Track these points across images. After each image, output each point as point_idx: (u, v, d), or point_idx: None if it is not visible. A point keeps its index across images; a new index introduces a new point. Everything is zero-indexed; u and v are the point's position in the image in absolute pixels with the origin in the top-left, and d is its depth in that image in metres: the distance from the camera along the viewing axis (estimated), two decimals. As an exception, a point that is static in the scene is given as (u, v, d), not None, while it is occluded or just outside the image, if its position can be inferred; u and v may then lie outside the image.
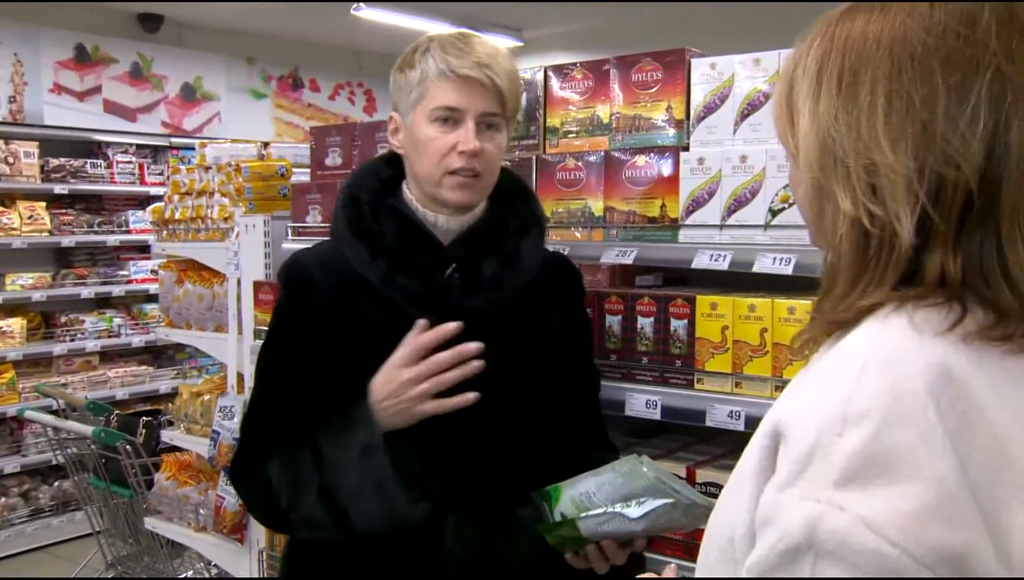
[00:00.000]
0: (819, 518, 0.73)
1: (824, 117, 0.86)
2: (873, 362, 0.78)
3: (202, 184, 3.33)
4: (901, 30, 0.84)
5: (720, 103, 2.08)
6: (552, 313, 1.74)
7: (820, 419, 0.76)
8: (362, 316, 1.59)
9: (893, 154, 0.81)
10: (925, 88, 0.81)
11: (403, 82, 1.61)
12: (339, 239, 1.63)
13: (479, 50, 1.56)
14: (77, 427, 3.74)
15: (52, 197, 5.78)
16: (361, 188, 1.66)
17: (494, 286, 1.61)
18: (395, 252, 1.59)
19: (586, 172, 2.24)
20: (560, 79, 2.35)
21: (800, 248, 1.90)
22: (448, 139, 1.56)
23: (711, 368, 2.01)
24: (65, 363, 5.80)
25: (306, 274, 1.64)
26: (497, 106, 1.58)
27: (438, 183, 1.58)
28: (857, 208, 0.83)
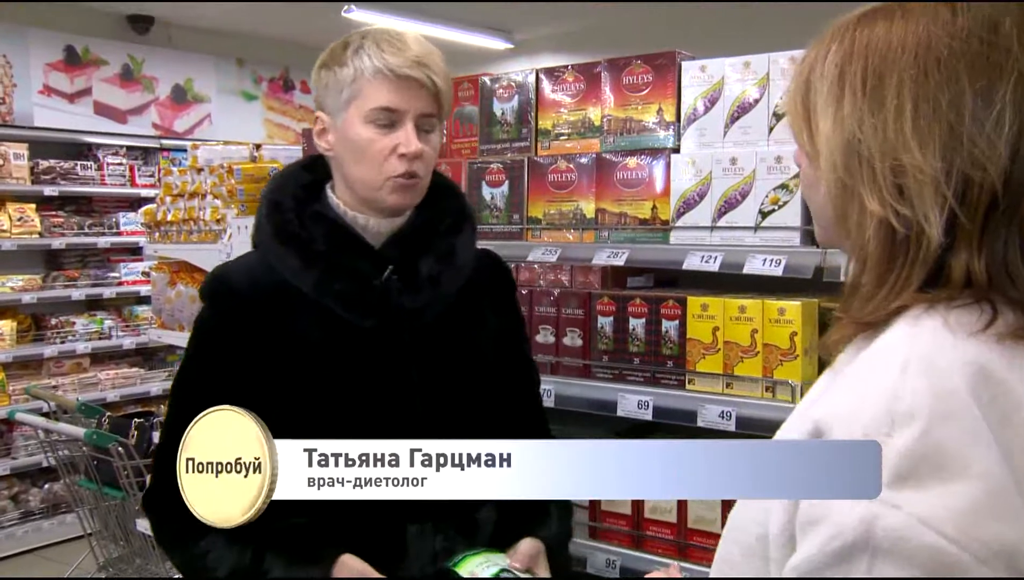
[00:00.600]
0: (875, 517, 0.74)
1: (849, 120, 0.88)
2: (913, 362, 0.80)
3: (194, 186, 3.34)
4: (925, 35, 0.86)
5: (710, 105, 2.09)
6: (487, 310, 1.69)
7: (866, 419, 0.78)
8: (296, 328, 1.51)
9: (921, 155, 0.83)
10: (952, 92, 0.83)
11: (332, 80, 1.52)
12: (266, 249, 1.55)
13: (415, 48, 1.50)
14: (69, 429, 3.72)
15: (42, 199, 5.76)
16: (283, 194, 1.58)
17: (433, 285, 1.56)
18: (328, 258, 1.51)
19: (578, 174, 2.26)
20: (551, 82, 2.36)
21: (790, 249, 1.92)
22: (387, 141, 1.49)
23: (702, 369, 2.03)
24: (55, 365, 5.78)
25: (233, 288, 1.55)
26: (434, 107, 1.52)
27: (379, 187, 1.51)
28: (885, 208, 0.85)
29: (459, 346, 1.61)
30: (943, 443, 0.75)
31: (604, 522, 2.22)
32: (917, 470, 0.74)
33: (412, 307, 1.54)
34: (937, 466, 0.74)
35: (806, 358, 1.92)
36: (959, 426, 0.75)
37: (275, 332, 1.51)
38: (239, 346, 1.51)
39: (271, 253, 1.54)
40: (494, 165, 2.41)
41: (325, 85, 1.54)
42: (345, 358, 1.52)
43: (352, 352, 1.52)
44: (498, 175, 2.40)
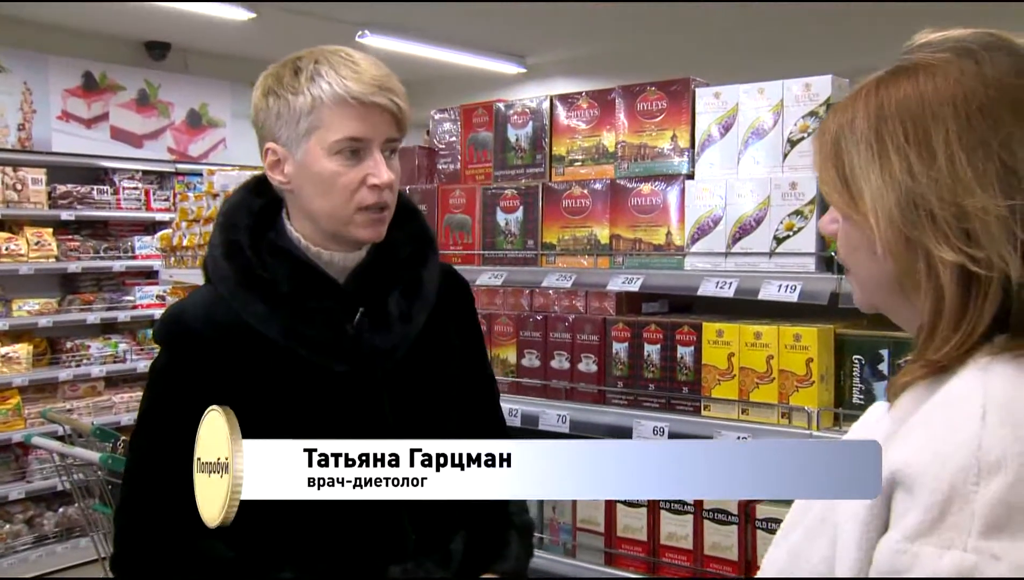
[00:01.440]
0: (973, 568, 0.74)
1: (901, 174, 0.89)
2: (991, 410, 0.80)
3: (210, 211, 3.37)
4: (959, 88, 0.88)
5: (725, 132, 2.10)
6: (451, 334, 1.62)
7: (952, 468, 0.78)
8: (262, 373, 1.42)
9: (984, 196, 0.85)
10: (1001, 134, 0.86)
11: (284, 109, 1.41)
12: (228, 293, 1.44)
13: (374, 70, 1.40)
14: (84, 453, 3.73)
15: (59, 223, 5.81)
16: (237, 229, 1.47)
17: (403, 322, 1.49)
18: (294, 302, 1.42)
19: (592, 200, 2.26)
20: (566, 108, 2.37)
21: (805, 275, 1.92)
22: (355, 174, 1.39)
23: (718, 395, 2.03)
24: (71, 389, 5.81)
25: (191, 331, 1.43)
26: (398, 130, 1.44)
27: (348, 221, 1.41)
28: (958, 254, 0.85)
29: (429, 378, 1.55)
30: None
31: (619, 548, 2.21)
32: (1011, 520, 0.74)
33: (383, 347, 1.47)
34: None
35: (822, 384, 1.92)
36: None
37: (239, 376, 1.41)
38: (200, 393, 1.30)
39: (233, 297, 1.43)
40: (508, 191, 2.42)
41: (276, 115, 1.42)
42: (316, 401, 1.44)
43: (323, 395, 1.44)
44: (512, 201, 2.41)
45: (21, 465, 5.53)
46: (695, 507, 2.08)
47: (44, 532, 5.52)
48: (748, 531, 2.02)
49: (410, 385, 1.51)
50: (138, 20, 5.95)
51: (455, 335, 1.63)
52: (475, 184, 2.54)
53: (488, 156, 2.53)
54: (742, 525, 2.02)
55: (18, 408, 5.45)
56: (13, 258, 5.47)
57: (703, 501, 2.06)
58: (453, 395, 1.60)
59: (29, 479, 5.51)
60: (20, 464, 5.54)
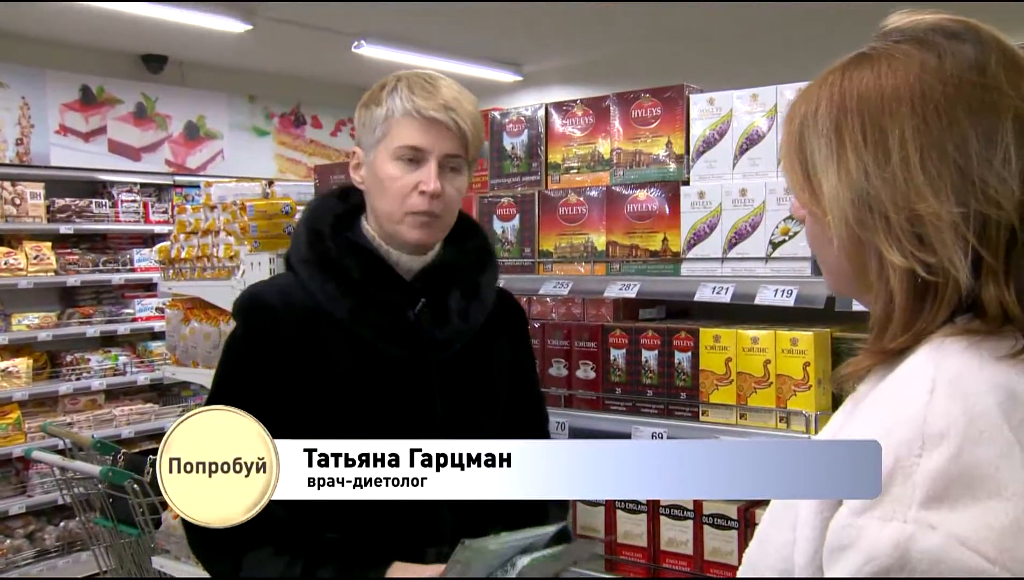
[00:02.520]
0: (910, 538, 0.73)
1: (856, 174, 0.88)
2: (941, 384, 0.80)
3: (208, 223, 3.37)
4: (917, 84, 0.87)
5: (719, 138, 2.11)
6: (504, 345, 1.76)
7: (896, 441, 0.78)
8: (327, 351, 1.57)
9: (936, 201, 0.84)
10: (956, 136, 0.84)
11: (368, 119, 1.61)
12: (304, 274, 1.61)
13: (445, 93, 1.57)
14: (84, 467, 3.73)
15: (57, 237, 5.82)
16: (322, 222, 1.65)
17: (461, 318, 1.63)
18: (363, 288, 1.58)
19: (588, 207, 2.27)
20: (561, 116, 2.38)
21: (801, 280, 1.93)
22: (410, 179, 1.55)
23: (716, 400, 2.03)
24: (71, 402, 5.80)
25: (268, 307, 1.59)
26: (460, 149, 1.58)
27: (399, 221, 1.58)
28: (908, 258, 0.85)
29: (480, 377, 1.68)
30: (977, 463, 0.75)
31: (620, 554, 2.21)
32: (951, 490, 0.74)
33: (441, 339, 1.61)
34: (971, 486, 0.74)
35: (819, 388, 1.92)
36: (992, 446, 0.75)
37: (305, 352, 1.56)
38: (269, 363, 1.56)
39: (309, 279, 1.60)
40: (505, 199, 2.42)
41: (362, 123, 1.62)
42: (373, 383, 1.58)
43: (380, 378, 1.58)
44: (509, 209, 2.41)
45: (22, 479, 5.53)
46: (695, 512, 2.08)
47: (45, 546, 5.52)
48: (748, 536, 2.02)
49: (461, 381, 1.64)
50: (135, 34, 5.96)
51: (508, 349, 1.77)
52: (471, 192, 2.54)
53: (484, 164, 2.54)
54: (742, 530, 2.02)
55: (18, 422, 5.45)
56: (12, 272, 5.48)
57: (703, 506, 2.06)
58: (501, 403, 1.72)
59: (30, 493, 5.50)
60: (21, 478, 5.53)
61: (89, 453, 4.10)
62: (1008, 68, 0.87)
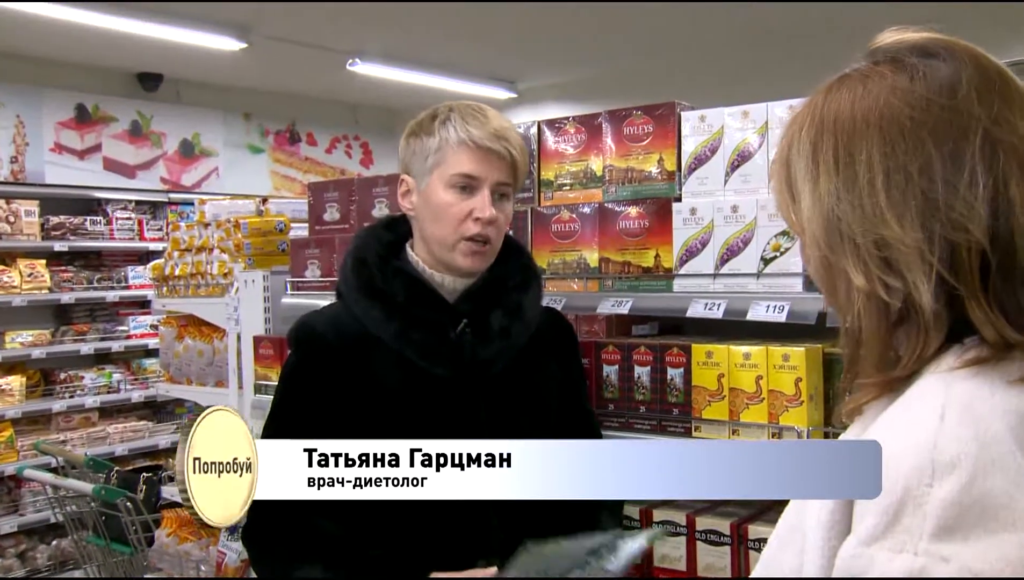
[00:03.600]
0: (922, 570, 0.72)
1: (826, 197, 0.88)
2: (952, 409, 0.78)
3: (202, 240, 3.37)
4: (887, 108, 0.86)
5: (711, 154, 2.12)
6: (552, 362, 1.80)
7: (906, 469, 0.76)
8: (376, 375, 1.63)
9: (900, 227, 0.83)
10: (920, 159, 0.84)
11: (419, 147, 1.66)
12: (351, 301, 1.68)
13: (495, 122, 1.64)
14: (77, 485, 3.71)
15: (52, 254, 5.82)
16: (367, 251, 1.72)
17: (503, 337, 1.67)
18: (407, 310, 1.64)
19: (581, 224, 2.28)
20: (553, 133, 2.39)
21: (793, 296, 1.93)
22: (465, 206, 1.62)
23: (708, 416, 2.03)
24: (64, 420, 5.79)
25: (320, 335, 1.68)
26: (510, 177, 1.65)
27: (452, 248, 1.64)
28: (872, 282, 0.85)
29: (526, 395, 1.72)
30: (989, 492, 0.73)
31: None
32: (963, 521, 0.72)
33: (484, 357, 1.65)
34: (984, 516, 0.72)
35: (811, 403, 1.92)
36: (1004, 475, 0.74)
37: (355, 376, 1.63)
38: (321, 388, 1.64)
39: (356, 305, 1.67)
40: (498, 216, 2.43)
41: (413, 152, 1.68)
42: (420, 403, 1.63)
43: (427, 397, 1.63)
44: (502, 226, 2.42)
45: (14, 498, 5.50)
46: (688, 528, 2.08)
47: (37, 566, 5.49)
48: (741, 551, 2.02)
49: (507, 399, 1.68)
50: (130, 52, 5.98)
51: (556, 366, 1.83)
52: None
53: (477, 182, 2.54)
54: (735, 546, 2.02)
55: (11, 440, 5.43)
56: (6, 290, 5.47)
57: (695, 522, 2.06)
58: (549, 419, 1.76)
59: (22, 512, 5.48)
60: (13, 497, 5.51)
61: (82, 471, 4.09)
62: (981, 87, 0.86)
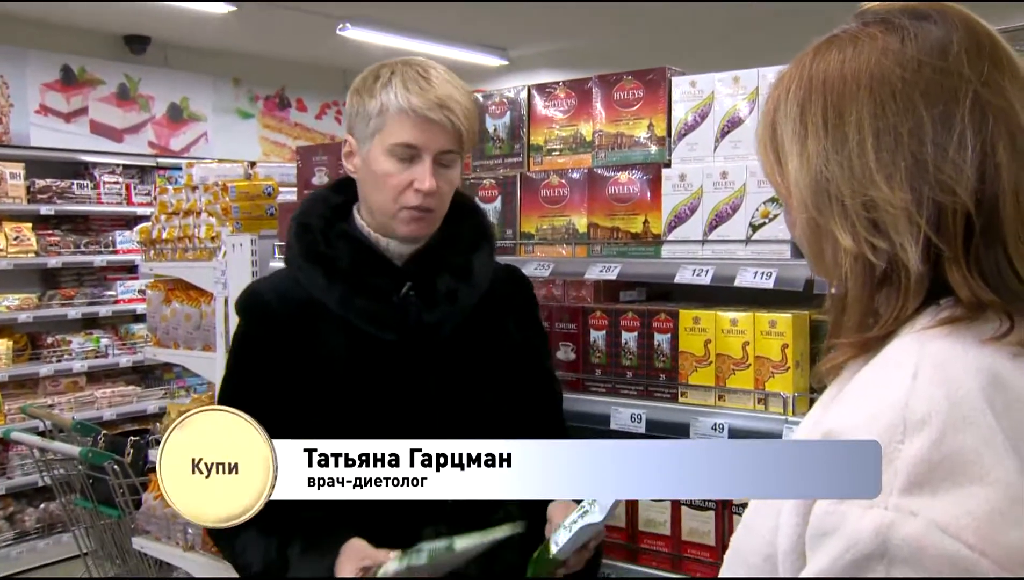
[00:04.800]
0: (891, 525, 0.73)
1: (814, 158, 0.88)
2: (924, 368, 0.79)
3: (189, 204, 3.35)
4: (878, 68, 0.86)
5: (701, 120, 2.11)
6: (509, 324, 1.76)
7: (878, 427, 0.77)
8: (322, 341, 1.61)
9: (889, 189, 0.83)
10: (910, 121, 0.84)
11: (361, 108, 1.60)
12: (295, 267, 1.65)
13: (439, 88, 1.56)
14: (64, 448, 3.72)
15: (38, 218, 5.78)
16: (311, 216, 1.68)
17: (449, 300, 1.63)
18: (350, 275, 1.60)
19: (569, 189, 2.27)
20: (543, 98, 2.38)
21: (781, 262, 1.93)
22: (404, 177, 1.57)
23: (695, 381, 2.04)
24: (51, 384, 5.77)
25: (265, 303, 1.65)
26: (454, 144, 1.59)
27: (393, 216, 1.60)
28: (859, 244, 0.85)
29: (477, 359, 1.69)
30: (959, 449, 0.74)
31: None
32: (932, 476, 0.73)
33: (430, 321, 1.62)
34: (953, 472, 0.73)
35: (797, 370, 1.93)
36: (974, 432, 0.75)
37: (303, 343, 1.61)
38: (269, 356, 1.62)
39: (300, 271, 1.64)
40: (487, 181, 2.42)
41: (355, 112, 1.62)
42: (367, 369, 1.61)
43: (374, 364, 1.61)
44: (491, 191, 2.41)
45: (1, 461, 5.50)
46: (673, 493, 2.10)
47: (25, 528, 5.50)
48: (725, 518, 2.03)
49: (458, 364, 1.65)
50: (117, 14, 5.91)
51: (513, 328, 1.77)
52: (454, 174, 2.54)
53: (467, 146, 2.53)
54: (719, 511, 2.04)
55: (-2, 404, 5.43)
56: (-8, 253, 5.44)
57: (681, 487, 2.08)
58: (505, 383, 1.72)
59: (9, 475, 5.48)
60: (0, 460, 5.51)
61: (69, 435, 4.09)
62: (972, 50, 0.86)
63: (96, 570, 3.94)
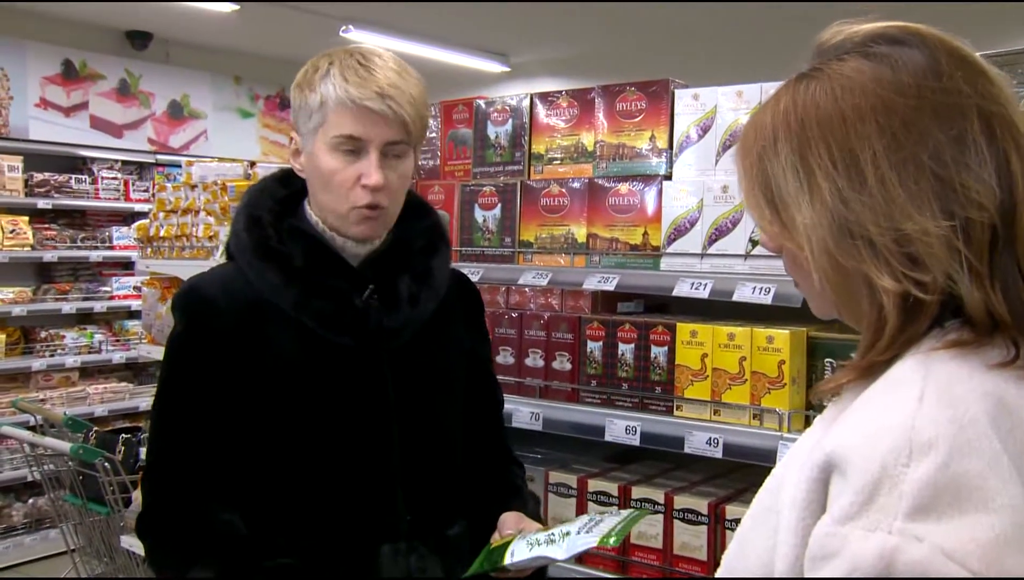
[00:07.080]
0: (895, 549, 0.72)
1: (831, 201, 0.85)
2: (931, 391, 0.78)
3: (187, 202, 3.34)
4: (878, 100, 0.85)
5: (703, 133, 2.11)
6: (460, 330, 1.70)
7: (883, 449, 0.76)
8: (273, 343, 1.49)
9: (921, 217, 0.82)
10: (928, 145, 0.83)
11: (303, 103, 1.50)
12: (245, 263, 1.51)
13: (381, 78, 1.46)
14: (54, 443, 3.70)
15: (35, 212, 5.76)
16: (260, 208, 1.56)
17: (411, 305, 1.55)
18: (307, 276, 1.49)
19: (570, 199, 2.27)
20: (546, 106, 2.38)
21: (779, 278, 1.93)
22: (350, 172, 1.46)
23: (690, 395, 2.03)
24: (44, 379, 5.75)
25: (209, 299, 1.50)
26: (401, 134, 1.48)
27: (343, 216, 1.49)
28: (901, 281, 0.82)
29: (434, 365, 1.62)
30: (964, 474, 0.73)
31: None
32: (938, 501, 0.73)
33: (390, 326, 1.52)
34: (959, 497, 0.73)
35: (794, 386, 1.93)
36: (980, 457, 0.74)
37: (249, 346, 1.48)
38: (212, 361, 1.47)
39: (250, 267, 1.51)
40: (487, 188, 2.42)
41: (298, 107, 1.51)
42: (322, 375, 1.51)
43: (330, 369, 1.51)
44: (491, 198, 2.41)
45: (-9, 455, 5.48)
46: (665, 507, 2.09)
47: (13, 523, 5.47)
48: (718, 531, 2.03)
49: (415, 369, 1.57)
50: (120, 9, 5.90)
51: (464, 334, 1.70)
52: (454, 180, 2.54)
53: (468, 153, 2.53)
54: (712, 526, 2.03)
55: (-11, 397, 5.40)
56: (-13, 246, 5.42)
57: (673, 501, 2.07)
58: (456, 390, 1.67)
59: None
60: (-10, 454, 5.48)
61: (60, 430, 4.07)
62: (961, 67, 0.85)
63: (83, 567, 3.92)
